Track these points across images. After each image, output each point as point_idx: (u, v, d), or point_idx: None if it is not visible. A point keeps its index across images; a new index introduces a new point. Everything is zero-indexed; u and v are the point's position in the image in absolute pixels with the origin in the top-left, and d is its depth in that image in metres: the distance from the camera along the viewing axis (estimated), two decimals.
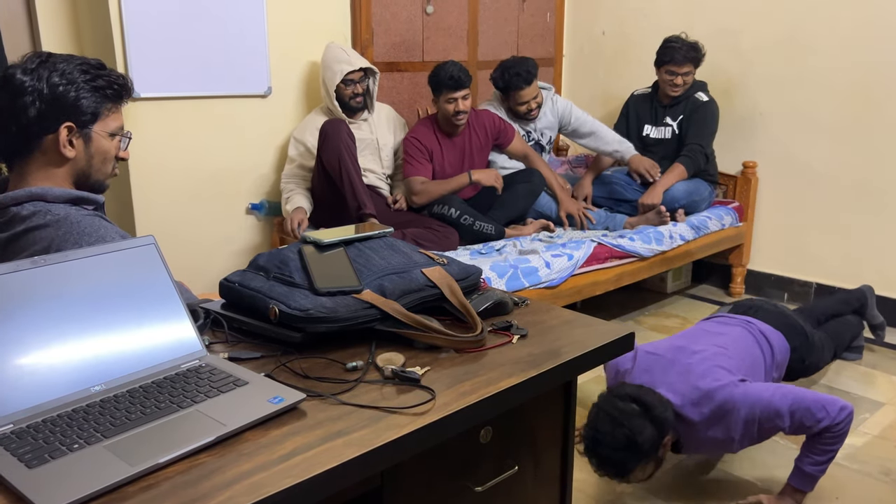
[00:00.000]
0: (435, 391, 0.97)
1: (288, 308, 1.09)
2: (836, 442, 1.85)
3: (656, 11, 3.89)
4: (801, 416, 1.82)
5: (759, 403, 1.84)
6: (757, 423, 1.85)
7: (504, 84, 3.37)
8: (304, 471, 0.79)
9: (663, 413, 1.81)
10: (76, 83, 1.34)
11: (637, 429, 1.75)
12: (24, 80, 1.31)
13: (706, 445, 1.96)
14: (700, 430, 1.90)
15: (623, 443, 1.76)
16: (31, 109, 1.30)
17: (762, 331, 2.22)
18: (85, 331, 0.95)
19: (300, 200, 2.99)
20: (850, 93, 3.27)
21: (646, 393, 1.84)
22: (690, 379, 1.92)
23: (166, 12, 2.73)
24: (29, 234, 1.30)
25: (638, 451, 1.76)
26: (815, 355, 2.39)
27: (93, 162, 1.41)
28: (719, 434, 1.89)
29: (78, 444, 0.81)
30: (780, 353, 2.23)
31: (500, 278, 2.59)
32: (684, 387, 1.91)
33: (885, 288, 3.19)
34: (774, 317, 2.33)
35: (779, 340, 2.24)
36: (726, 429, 1.88)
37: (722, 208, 3.57)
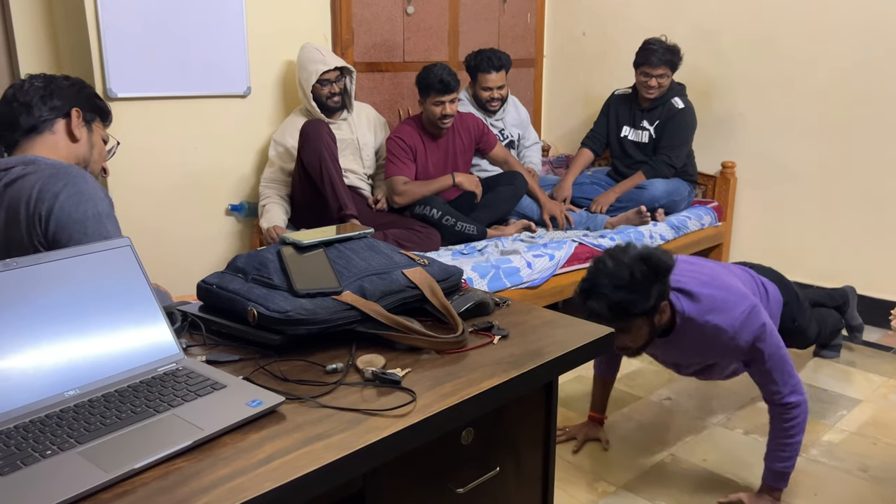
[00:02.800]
0: (416, 393, 0.97)
1: (267, 310, 1.08)
2: (796, 433, 1.87)
3: (636, 12, 3.91)
4: (776, 363, 1.85)
5: (760, 317, 1.86)
6: (753, 331, 1.84)
7: (475, 64, 3.43)
8: (284, 475, 0.78)
9: (669, 263, 1.78)
10: (80, 86, 1.59)
11: (641, 271, 1.74)
12: (36, 83, 1.53)
13: (700, 335, 1.90)
14: (702, 310, 1.87)
15: (627, 283, 1.73)
16: (47, 101, 1.50)
17: (759, 278, 2.26)
18: (58, 334, 0.94)
19: (277, 214, 2.95)
20: (829, 93, 3.31)
21: (654, 249, 1.82)
22: (704, 268, 1.96)
23: (144, 11, 2.70)
24: (13, 186, 1.39)
25: (639, 294, 1.73)
26: (804, 318, 2.41)
27: (93, 151, 1.58)
28: (720, 320, 1.85)
29: (51, 451, 0.80)
30: (775, 303, 2.25)
31: (482, 279, 2.59)
32: (695, 269, 1.94)
33: (864, 287, 3.23)
34: (770, 272, 2.39)
35: (774, 291, 2.28)
36: (729, 318, 1.85)
37: (701, 208, 3.60)
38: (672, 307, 1.88)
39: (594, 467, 2.18)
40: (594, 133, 3.74)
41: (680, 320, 1.89)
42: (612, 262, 1.77)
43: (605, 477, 2.13)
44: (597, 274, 1.78)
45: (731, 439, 2.33)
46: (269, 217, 2.94)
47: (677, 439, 2.34)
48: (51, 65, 2.77)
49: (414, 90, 3.24)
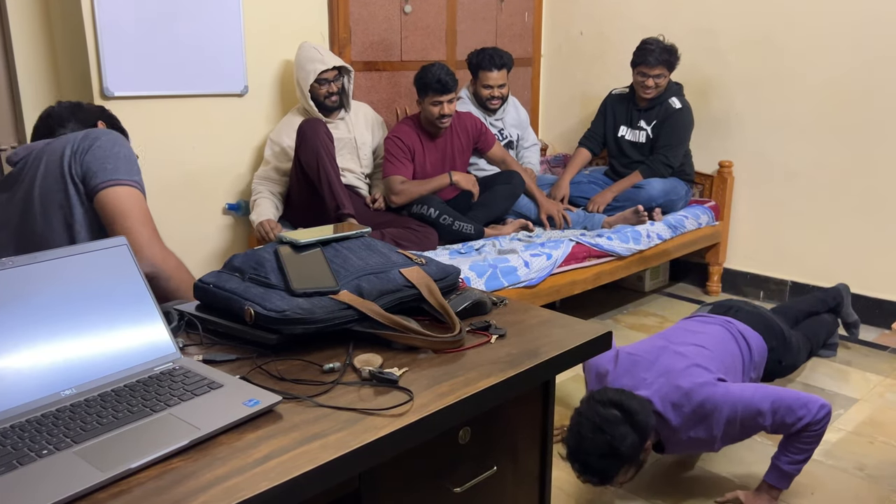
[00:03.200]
0: (413, 392, 0.97)
1: (264, 309, 1.08)
2: (814, 441, 1.87)
3: (634, 12, 3.91)
4: (783, 415, 1.84)
5: (740, 403, 1.86)
6: (738, 422, 1.87)
7: (477, 62, 3.44)
8: (281, 474, 0.78)
9: (645, 419, 1.81)
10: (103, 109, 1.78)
11: (619, 436, 1.76)
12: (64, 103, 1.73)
13: (688, 445, 1.97)
14: (682, 430, 1.91)
15: (606, 450, 1.76)
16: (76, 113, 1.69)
17: (741, 331, 2.24)
18: (55, 334, 0.93)
19: (267, 208, 2.95)
20: (826, 93, 3.31)
21: (627, 398, 1.84)
22: (671, 379, 1.93)
23: (140, 10, 2.69)
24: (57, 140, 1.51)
25: (620, 458, 1.77)
26: (791, 356, 2.42)
27: None
28: (701, 434, 1.90)
29: (47, 450, 0.80)
30: (758, 354, 2.25)
31: (479, 278, 2.59)
32: (666, 388, 1.92)
33: (860, 286, 3.24)
34: (753, 317, 2.35)
35: (757, 341, 2.26)
36: (708, 428, 1.89)
37: (698, 207, 3.60)
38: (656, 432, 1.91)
39: None
40: (591, 133, 3.74)
41: (666, 441, 1.95)
42: (589, 428, 1.78)
43: None
44: (578, 442, 1.80)
45: None
46: (260, 211, 2.94)
47: None
48: (48, 64, 2.76)
49: (411, 89, 3.24)
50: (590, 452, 1.77)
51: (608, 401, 1.83)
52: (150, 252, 1.44)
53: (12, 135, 2.78)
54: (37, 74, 2.75)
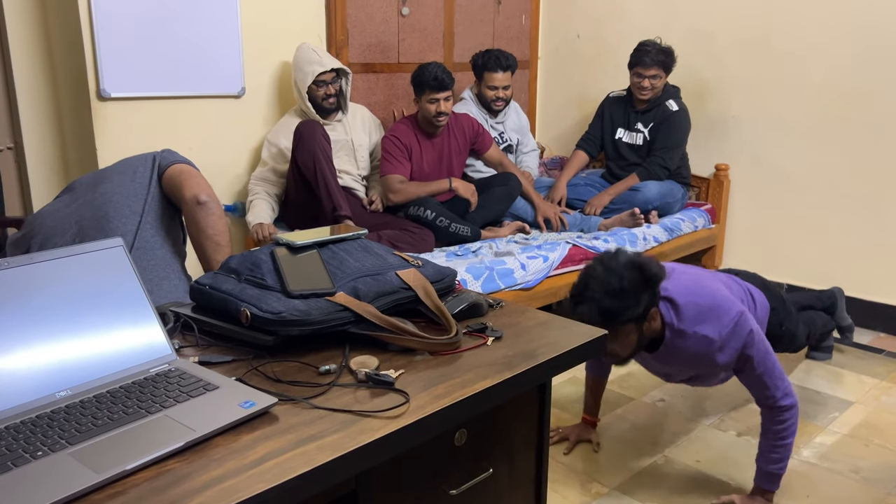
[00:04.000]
0: (409, 394, 0.97)
1: (260, 311, 1.08)
2: (787, 436, 1.88)
3: (631, 15, 3.92)
4: (767, 369, 1.86)
5: (747, 323, 1.86)
6: (743, 339, 1.85)
7: (482, 62, 3.45)
8: (277, 476, 0.78)
9: (659, 273, 1.79)
10: None
11: (632, 278, 1.74)
12: None
13: (689, 347, 1.91)
14: (689, 321, 1.87)
15: (617, 290, 1.74)
16: None
17: (746, 285, 2.26)
18: (50, 335, 0.93)
19: (263, 210, 2.95)
20: (823, 96, 3.32)
21: (643, 257, 1.82)
22: (690, 272, 1.97)
23: (137, 11, 2.69)
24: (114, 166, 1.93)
25: (628, 301, 1.74)
26: (791, 322, 2.42)
27: None
28: (707, 331, 1.86)
29: (42, 452, 0.79)
30: (762, 309, 2.26)
31: (476, 280, 2.59)
32: (683, 279, 1.94)
33: (855, 289, 3.25)
34: (756, 279, 2.39)
35: (760, 297, 2.28)
36: (716, 328, 1.86)
37: (695, 210, 3.61)
38: (661, 317, 1.89)
39: (587, 468, 2.18)
40: (589, 135, 3.75)
41: (669, 332, 1.90)
42: (602, 268, 1.78)
43: (599, 478, 2.13)
44: (587, 280, 1.78)
45: (724, 440, 2.34)
46: (256, 213, 2.94)
47: (670, 441, 2.34)
48: (44, 65, 2.76)
49: (408, 91, 3.24)
50: (600, 290, 1.74)
51: (622, 252, 1.83)
52: (208, 189, 1.80)
53: (9, 136, 2.78)
54: (33, 76, 2.74)
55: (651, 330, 1.86)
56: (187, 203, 1.78)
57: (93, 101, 2.65)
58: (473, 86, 3.61)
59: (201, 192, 1.78)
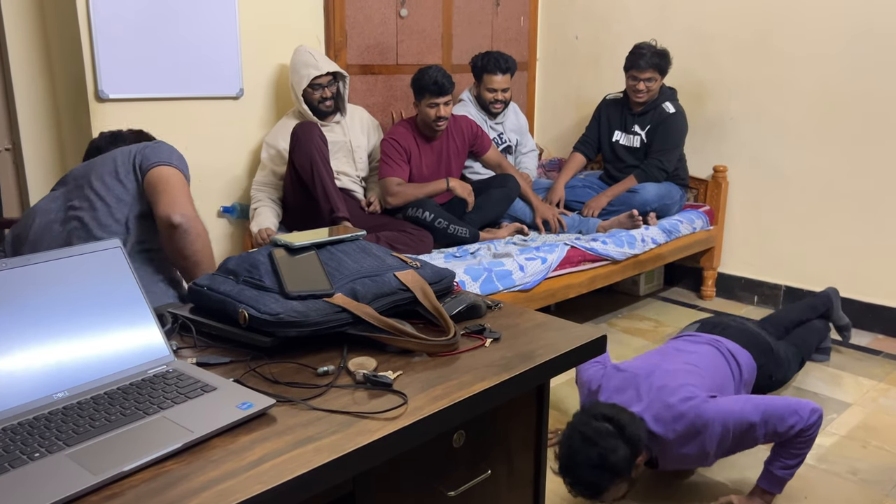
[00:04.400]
0: (407, 395, 0.97)
1: (258, 312, 1.08)
2: (806, 446, 1.87)
3: (629, 17, 3.93)
4: (775, 424, 1.84)
5: (731, 417, 1.86)
6: (731, 436, 1.87)
7: (482, 64, 3.45)
8: (274, 477, 0.77)
9: (636, 432, 1.81)
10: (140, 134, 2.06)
11: (611, 448, 1.76)
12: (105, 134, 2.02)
13: (681, 461, 1.96)
14: (674, 447, 1.91)
15: (597, 462, 1.76)
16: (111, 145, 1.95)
17: (730, 349, 2.24)
18: (48, 336, 0.93)
19: (267, 217, 2.94)
20: (820, 97, 3.33)
21: (619, 412, 1.84)
22: (662, 396, 1.93)
23: (136, 12, 2.69)
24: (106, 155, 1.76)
25: (611, 471, 1.76)
26: (781, 370, 2.41)
27: None
28: (693, 450, 1.90)
29: (39, 453, 0.79)
30: (748, 372, 2.25)
31: (475, 281, 2.59)
32: (657, 405, 1.92)
33: (853, 290, 3.25)
34: (740, 335, 2.34)
35: (746, 359, 2.26)
36: (700, 444, 1.89)
37: (693, 212, 3.61)
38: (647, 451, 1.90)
39: None
40: (586, 137, 3.75)
41: (658, 458, 1.94)
42: (580, 442, 1.78)
43: None
44: (570, 454, 1.80)
45: None
46: (260, 220, 2.93)
47: None
48: (42, 66, 2.75)
49: (407, 93, 3.24)
50: (581, 464, 1.77)
51: (600, 414, 1.84)
52: (184, 207, 1.62)
53: (7, 137, 2.78)
54: (31, 77, 2.74)
55: (640, 471, 1.89)
56: (160, 222, 1.62)
57: (91, 101, 2.65)
58: (472, 87, 3.61)
59: (173, 213, 1.59)
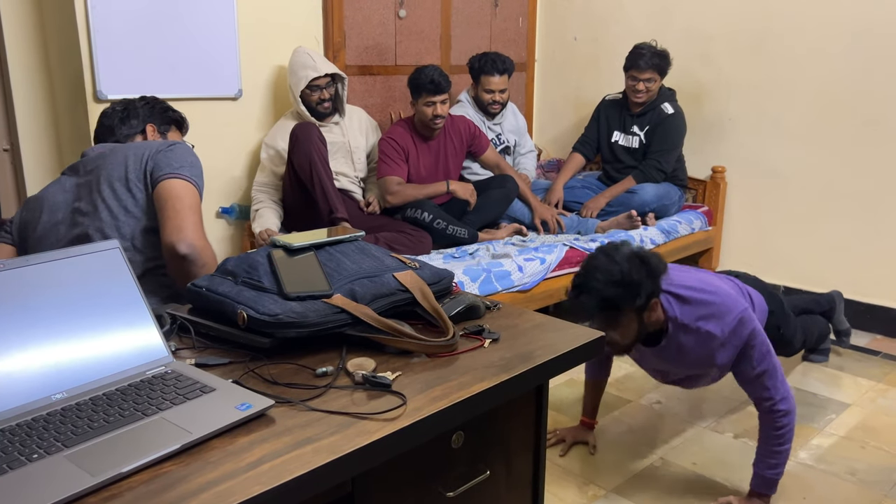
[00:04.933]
0: (406, 396, 0.96)
1: (257, 313, 1.08)
2: (784, 441, 1.88)
3: (628, 18, 3.93)
4: (767, 369, 1.86)
5: (751, 323, 1.86)
6: (744, 338, 1.86)
7: (479, 66, 3.46)
8: (273, 478, 0.77)
9: (660, 265, 1.80)
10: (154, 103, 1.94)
11: (633, 269, 1.75)
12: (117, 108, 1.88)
13: (690, 342, 1.90)
14: (692, 316, 1.87)
15: (618, 279, 1.75)
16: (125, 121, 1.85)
17: (745, 288, 2.26)
18: (46, 337, 0.93)
19: (269, 218, 2.94)
20: (819, 98, 3.33)
21: (646, 251, 1.84)
22: (694, 272, 1.97)
23: (134, 12, 2.69)
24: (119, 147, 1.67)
25: (630, 290, 1.75)
26: (789, 327, 2.42)
27: None
28: (710, 327, 1.86)
29: (37, 454, 0.79)
30: (760, 312, 2.25)
31: (473, 282, 2.59)
32: (687, 276, 1.94)
33: (852, 291, 3.25)
34: (755, 282, 2.39)
35: (759, 299, 2.28)
36: (719, 325, 1.86)
37: (691, 212, 3.61)
38: (664, 312, 1.89)
39: (584, 471, 2.18)
40: (585, 138, 3.75)
41: (671, 325, 1.90)
42: (604, 258, 1.79)
43: (595, 480, 2.13)
44: (589, 269, 1.80)
45: (721, 443, 2.34)
46: (262, 221, 2.93)
47: (667, 443, 2.34)
48: (41, 66, 2.75)
49: (406, 94, 3.24)
50: (601, 280, 1.75)
51: (625, 243, 1.85)
52: (192, 235, 1.50)
53: (5, 138, 2.77)
54: (30, 77, 2.74)
55: (652, 321, 1.86)
56: (165, 249, 1.51)
57: (89, 102, 2.65)
58: (470, 88, 3.61)
59: (180, 242, 1.47)
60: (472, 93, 3.59)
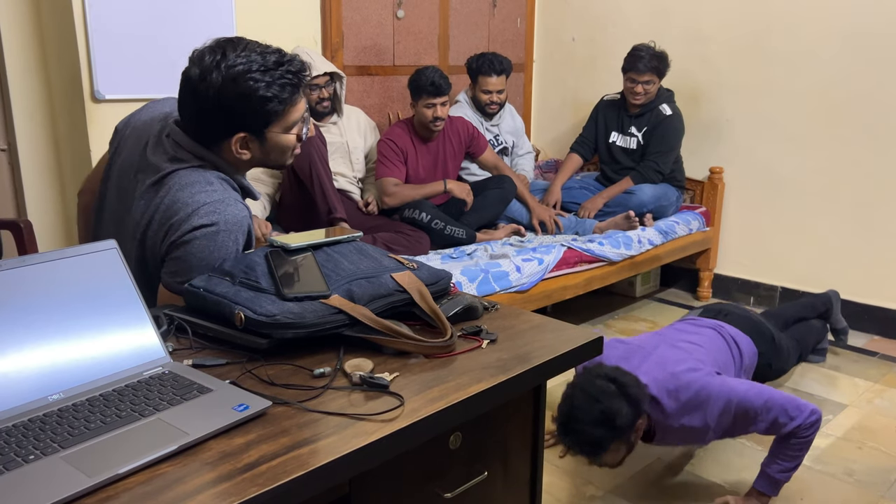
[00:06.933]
0: (404, 397, 0.96)
1: (254, 314, 1.07)
2: (804, 448, 1.87)
3: (626, 19, 3.93)
4: (776, 414, 1.84)
5: (734, 395, 1.86)
6: (732, 415, 1.87)
7: (476, 66, 3.47)
8: (270, 480, 0.77)
9: (639, 392, 1.81)
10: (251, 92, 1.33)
11: (613, 406, 1.75)
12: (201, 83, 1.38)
13: (679, 435, 1.95)
14: (675, 417, 1.89)
15: (599, 419, 1.75)
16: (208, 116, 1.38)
17: (732, 335, 2.25)
18: (43, 338, 0.93)
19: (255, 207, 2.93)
20: (816, 99, 3.33)
21: (622, 374, 1.84)
22: (667, 367, 1.94)
23: (132, 12, 2.68)
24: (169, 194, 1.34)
25: (613, 429, 1.75)
26: (781, 360, 2.43)
27: (269, 157, 1.44)
28: (695, 422, 1.89)
29: (34, 456, 0.79)
30: (749, 357, 2.26)
31: (471, 283, 2.59)
32: (661, 374, 1.93)
33: (849, 291, 3.26)
34: (743, 321, 2.36)
35: (747, 344, 2.27)
36: (702, 417, 1.88)
37: (689, 213, 3.61)
38: (648, 417, 1.91)
39: (582, 471, 2.18)
40: (583, 138, 3.75)
41: (657, 426, 1.94)
42: (582, 396, 1.79)
43: (593, 481, 2.13)
44: (571, 411, 1.80)
45: (719, 443, 2.34)
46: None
47: None
48: (38, 66, 2.74)
49: (404, 94, 3.24)
50: (583, 421, 1.76)
51: (603, 374, 1.83)
52: None
53: (2, 137, 2.77)
54: (27, 77, 2.73)
55: (639, 436, 1.89)
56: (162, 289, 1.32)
57: (87, 102, 2.64)
58: (468, 89, 3.61)
59: None
60: (470, 93, 3.60)
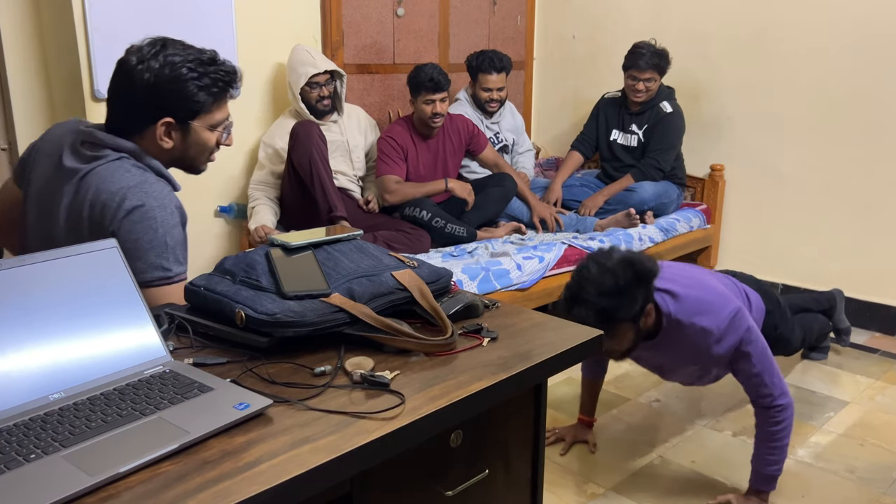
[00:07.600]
0: (404, 395, 0.96)
1: (255, 312, 1.07)
2: (781, 439, 1.89)
3: (626, 16, 3.92)
4: (765, 366, 1.86)
5: (746, 320, 1.86)
6: (739, 336, 1.85)
7: (476, 64, 3.46)
8: (271, 478, 0.77)
9: (652, 267, 1.78)
10: (183, 80, 1.37)
11: (625, 277, 1.73)
12: (137, 67, 1.35)
13: (686, 339, 1.90)
14: (687, 312, 1.86)
15: (610, 288, 1.72)
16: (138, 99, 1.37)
17: (743, 288, 2.26)
18: (43, 337, 0.93)
19: (265, 215, 2.93)
20: (817, 96, 3.33)
21: (637, 253, 1.82)
22: (689, 272, 1.96)
23: (132, 11, 2.68)
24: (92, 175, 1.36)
25: (624, 300, 1.73)
26: (787, 326, 2.41)
27: (189, 152, 1.50)
28: (704, 322, 1.85)
29: (35, 455, 0.79)
30: (757, 311, 2.25)
31: (472, 281, 2.59)
32: (683, 273, 1.94)
33: (851, 289, 3.25)
34: (752, 281, 2.39)
35: (756, 299, 2.27)
36: (714, 320, 1.85)
37: (690, 210, 3.61)
38: (658, 309, 1.89)
39: (583, 469, 2.18)
40: (584, 136, 3.75)
41: (666, 322, 1.90)
42: (595, 267, 1.77)
43: (594, 479, 2.13)
44: (581, 281, 1.78)
45: (719, 441, 2.34)
46: (258, 218, 2.93)
47: (665, 441, 2.34)
48: (38, 65, 2.74)
49: (404, 92, 3.24)
50: (593, 290, 1.73)
51: (615, 249, 1.82)
52: None
53: (3, 137, 2.77)
54: (28, 76, 2.73)
55: (648, 325, 1.86)
56: None
57: (87, 101, 2.64)
58: (468, 87, 3.61)
59: None
60: (471, 91, 3.59)
